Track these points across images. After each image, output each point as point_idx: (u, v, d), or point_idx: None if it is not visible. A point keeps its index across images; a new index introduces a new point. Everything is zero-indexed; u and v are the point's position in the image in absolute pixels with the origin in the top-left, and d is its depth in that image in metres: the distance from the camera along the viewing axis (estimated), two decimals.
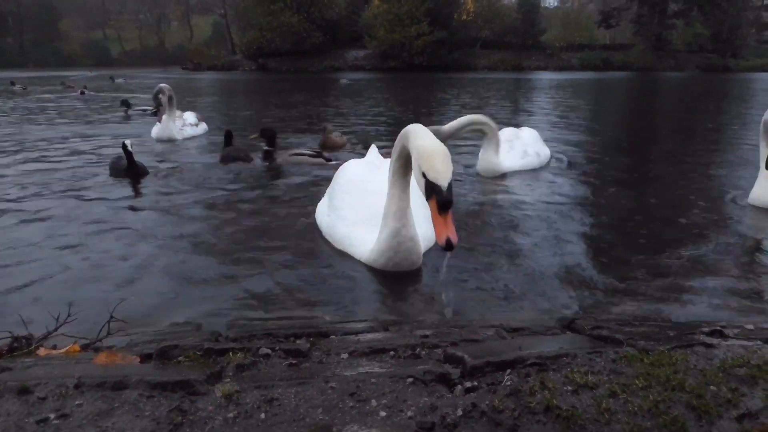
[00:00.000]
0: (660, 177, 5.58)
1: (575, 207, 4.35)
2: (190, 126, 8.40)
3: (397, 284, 2.85)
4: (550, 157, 6.09)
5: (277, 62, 48.72)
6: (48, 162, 6.14)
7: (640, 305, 2.61)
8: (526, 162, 5.64)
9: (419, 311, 2.57)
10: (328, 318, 2.45)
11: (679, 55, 49.46)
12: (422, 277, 2.92)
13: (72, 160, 6.22)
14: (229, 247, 3.37)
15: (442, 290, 2.77)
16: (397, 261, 2.94)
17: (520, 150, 5.65)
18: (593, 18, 58.70)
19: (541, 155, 5.85)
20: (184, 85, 26.15)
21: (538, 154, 5.79)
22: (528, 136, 5.90)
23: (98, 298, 2.60)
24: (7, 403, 1.35)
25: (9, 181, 5.11)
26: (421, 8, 46.14)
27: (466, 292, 2.75)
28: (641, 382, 1.46)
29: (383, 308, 2.63)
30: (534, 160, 5.71)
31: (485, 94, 18.75)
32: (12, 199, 4.45)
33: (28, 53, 72.66)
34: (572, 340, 2.04)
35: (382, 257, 2.95)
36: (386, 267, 2.95)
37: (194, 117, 8.66)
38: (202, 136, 8.45)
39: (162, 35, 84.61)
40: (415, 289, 2.80)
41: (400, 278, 2.91)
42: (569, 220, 3.97)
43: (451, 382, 1.57)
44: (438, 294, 2.73)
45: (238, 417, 1.35)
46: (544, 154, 5.94)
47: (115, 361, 1.78)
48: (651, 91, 23.37)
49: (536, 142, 5.93)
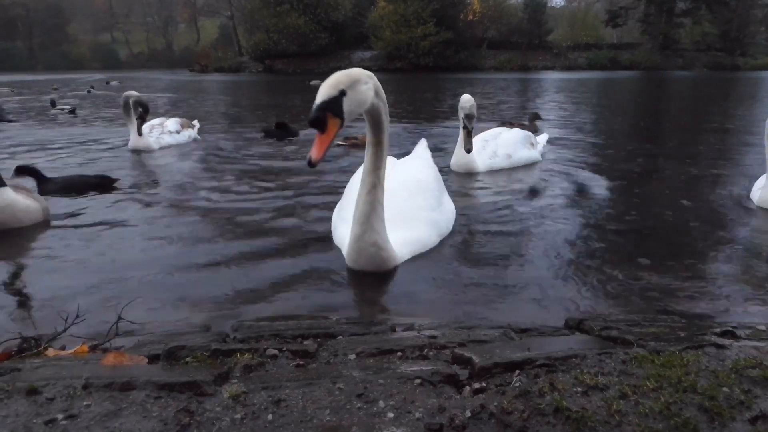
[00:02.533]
0: (667, 177, 5.54)
1: (580, 207, 4.33)
2: (170, 134, 7.73)
3: (404, 285, 2.84)
4: (536, 160, 6.05)
5: (284, 64, 48.93)
6: (57, 161, 6.18)
7: (648, 305, 2.59)
8: (494, 162, 5.65)
9: (426, 312, 2.56)
10: (335, 319, 2.45)
11: (687, 54, 49.18)
12: (428, 279, 2.90)
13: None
14: (237, 247, 3.37)
15: (448, 291, 2.76)
16: (362, 264, 2.94)
17: (491, 151, 5.67)
18: (600, 17, 58.50)
19: (514, 158, 5.78)
20: (189, 87, 26.29)
21: (510, 156, 5.74)
22: (508, 138, 5.87)
23: (106, 299, 2.61)
24: (16, 404, 1.35)
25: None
26: (427, 9, 46.18)
27: (472, 293, 2.73)
28: (652, 383, 1.44)
29: (390, 309, 2.62)
30: (502, 161, 5.68)
31: (495, 93, 18.71)
32: None
33: (37, 57, 73.34)
34: (581, 341, 2.03)
35: (350, 259, 2.99)
36: (355, 268, 2.97)
37: (176, 124, 7.97)
38: (186, 144, 7.82)
39: (169, 38, 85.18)
40: (421, 290, 2.79)
41: (406, 280, 2.90)
42: (574, 220, 3.95)
43: (460, 383, 1.55)
44: (443, 295, 2.72)
45: (246, 418, 1.34)
46: (518, 157, 5.85)
47: (123, 361, 1.79)
48: (658, 90, 23.23)
49: (515, 144, 5.86)
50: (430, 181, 3.65)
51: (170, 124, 7.83)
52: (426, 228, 3.30)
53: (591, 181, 5.28)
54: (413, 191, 3.41)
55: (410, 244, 3.14)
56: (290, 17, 47.97)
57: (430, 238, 3.30)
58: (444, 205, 3.67)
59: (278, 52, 49.12)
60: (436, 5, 46.27)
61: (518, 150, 5.84)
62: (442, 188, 3.83)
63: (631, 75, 38.01)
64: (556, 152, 6.81)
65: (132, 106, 6.95)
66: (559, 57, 50.38)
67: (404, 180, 3.48)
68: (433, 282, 2.87)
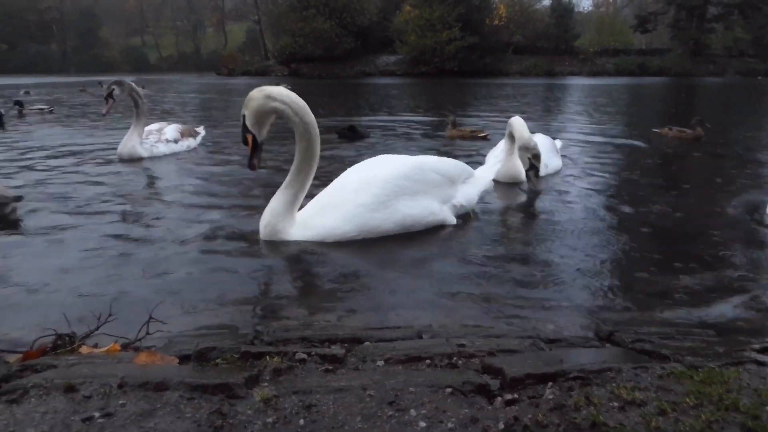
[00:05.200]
0: (696, 187, 5.41)
1: (609, 215, 4.25)
2: (166, 142, 6.92)
3: (429, 291, 2.82)
4: (560, 168, 5.94)
5: (309, 67, 49.34)
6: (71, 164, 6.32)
7: (680, 318, 2.52)
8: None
9: (452, 318, 2.54)
10: (362, 323, 2.44)
11: (718, 59, 48.13)
12: (453, 285, 2.88)
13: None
14: (258, 249, 3.40)
15: (473, 297, 2.73)
16: (260, 231, 3.54)
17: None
18: (628, 22, 57.59)
19: (549, 167, 5.64)
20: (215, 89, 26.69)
21: (546, 165, 5.54)
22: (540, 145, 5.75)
23: (138, 298, 2.65)
24: (55, 401, 1.38)
25: (40, 181, 5.28)
26: (453, 13, 46.13)
27: (497, 300, 2.71)
28: (692, 400, 1.40)
29: (415, 314, 2.60)
30: (542, 170, 5.53)
31: (520, 98, 18.58)
32: (51, 201, 4.59)
33: (70, 59, 75.36)
34: (614, 354, 1.99)
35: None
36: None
37: (176, 131, 7.18)
38: (185, 152, 7.09)
39: (198, 42, 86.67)
40: (446, 296, 2.77)
41: (431, 286, 2.88)
42: (602, 228, 3.89)
43: (491, 393, 1.53)
44: (469, 301, 2.70)
45: (278, 422, 1.35)
46: (553, 166, 5.75)
47: (155, 361, 1.81)
48: (689, 96, 22.76)
49: (548, 153, 5.68)
50: (385, 181, 3.59)
51: (169, 132, 7.12)
52: (339, 220, 3.49)
53: (610, 190, 5.19)
54: (360, 187, 3.59)
55: (313, 228, 3.48)
56: (316, 21, 48.42)
57: (341, 229, 3.48)
58: (394, 207, 3.55)
59: (304, 56, 49.58)
60: (462, 10, 46.18)
61: (551, 159, 5.78)
62: (402, 191, 3.61)
63: (660, 81, 37.34)
64: (586, 157, 6.71)
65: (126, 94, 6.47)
66: (585, 62, 49.77)
67: (365, 176, 3.68)
68: (459, 288, 2.84)
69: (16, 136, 8.86)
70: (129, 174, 5.85)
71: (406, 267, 3.15)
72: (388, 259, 3.30)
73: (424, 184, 3.71)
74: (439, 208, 3.79)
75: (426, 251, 3.43)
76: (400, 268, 3.12)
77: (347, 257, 3.28)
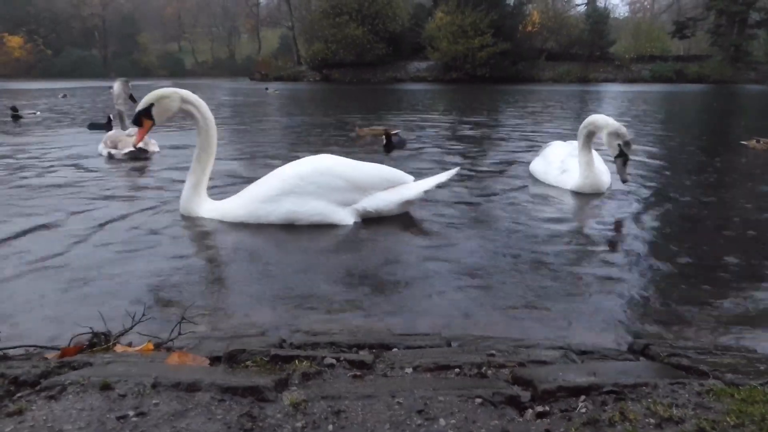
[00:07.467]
0: (737, 197, 5.23)
1: (645, 225, 4.15)
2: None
3: (456, 298, 2.80)
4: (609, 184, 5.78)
5: (341, 73, 49.80)
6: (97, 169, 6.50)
7: (715, 333, 2.44)
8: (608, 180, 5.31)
9: (480, 326, 2.51)
10: (390, 329, 2.44)
11: (760, 66, 46.57)
12: (481, 292, 2.86)
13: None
14: (295, 254, 3.43)
15: (501, 305, 2.70)
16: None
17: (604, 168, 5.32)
18: (666, 29, 56.36)
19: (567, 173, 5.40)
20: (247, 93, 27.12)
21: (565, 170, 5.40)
22: (563, 154, 5.54)
23: (171, 299, 2.71)
24: (91, 398, 1.41)
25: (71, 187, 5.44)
26: (485, 20, 45.91)
27: (526, 308, 2.67)
28: (732, 419, 1.35)
29: (442, 321, 2.58)
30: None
31: (553, 105, 18.34)
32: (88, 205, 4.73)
33: (110, 64, 77.88)
34: (649, 368, 1.93)
35: None
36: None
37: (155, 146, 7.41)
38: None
39: (232, 47, 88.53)
40: (474, 303, 2.74)
41: (458, 293, 2.86)
42: (636, 239, 3.79)
43: (521, 405, 1.51)
44: (497, 309, 2.67)
45: (307, 427, 1.35)
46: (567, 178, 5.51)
47: (186, 362, 1.84)
48: (730, 104, 22.08)
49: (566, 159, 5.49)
50: (282, 179, 4.01)
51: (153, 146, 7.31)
52: (236, 205, 4.08)
53: (659, 196, 5.06)
54: (264, 181, 4.12)
55: (216, 210, 4.13)
56: (349, 28, 48.88)
57: (235, 212, 4.05)
58: (281, 202, 3.93)
59: (336, 62, 50.09)
60: (494, 16, 45.94)
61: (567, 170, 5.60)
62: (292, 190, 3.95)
63: (699, 88, 36.36)
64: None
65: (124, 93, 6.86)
66: (620, 69, 48.85)
67: (277, 171, 4.13)
68: (486, 296, 2.82)
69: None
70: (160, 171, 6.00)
71: (438, 273, 3.13)
72: (420, 263, 3.28)
73: (319, 186, 3.97)
74: (332, 209, 3.99)
75: (459, 257, 3.40)
76: (432, 273, 3.11)
77: (361, 258, 3.28)
